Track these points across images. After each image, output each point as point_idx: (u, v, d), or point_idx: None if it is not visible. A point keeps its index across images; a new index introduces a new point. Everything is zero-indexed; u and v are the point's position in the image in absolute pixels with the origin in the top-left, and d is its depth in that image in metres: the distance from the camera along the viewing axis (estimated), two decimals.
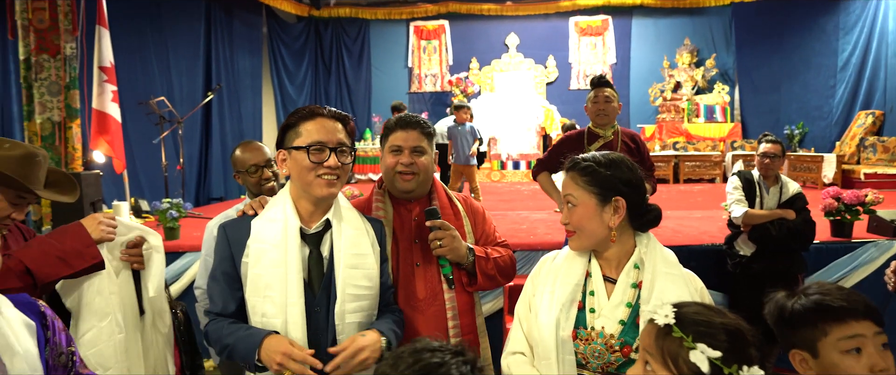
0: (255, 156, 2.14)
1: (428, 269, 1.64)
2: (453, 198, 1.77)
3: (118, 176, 4.90)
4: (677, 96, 9.89)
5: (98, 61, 4.62)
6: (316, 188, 1.37)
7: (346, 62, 10.69)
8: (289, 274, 1.35)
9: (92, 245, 1.59)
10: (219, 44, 7.69)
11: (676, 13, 9.92)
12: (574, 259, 1.34)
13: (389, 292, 1.54)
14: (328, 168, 1.36)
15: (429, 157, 1.66)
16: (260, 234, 1.39)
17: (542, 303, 1.32)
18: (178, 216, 3.92)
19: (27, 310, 1.16)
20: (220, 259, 1.42)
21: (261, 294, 1.36)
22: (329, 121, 1.40)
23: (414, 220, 1.68)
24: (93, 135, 4.60)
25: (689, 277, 1.31)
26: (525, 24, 10.41)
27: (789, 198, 3.21)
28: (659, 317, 1.00)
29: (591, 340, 1.25)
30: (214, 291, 1.42)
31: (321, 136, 1.36)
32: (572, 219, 1.31)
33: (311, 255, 1.40)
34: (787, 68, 9.08)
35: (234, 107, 8.13)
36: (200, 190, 7.35)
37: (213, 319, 1.41)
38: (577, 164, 1.33)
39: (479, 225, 1.77)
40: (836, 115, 8.46)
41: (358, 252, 1.43)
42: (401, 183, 1.64)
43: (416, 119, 1.68)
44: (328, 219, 1.42)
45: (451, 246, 1.56)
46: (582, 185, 1.30)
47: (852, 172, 7.32)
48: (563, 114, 9.99)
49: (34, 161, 1.54)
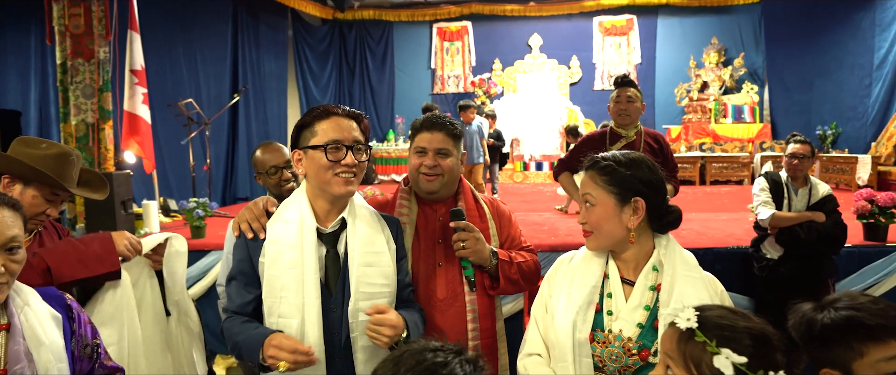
0: (275, 157, 2.17)
1: (450, 270, 1.63)
2: (480, 200, 1.76)
3: (148, 176, 5.05)
4: (704, 96, 9.69)
5: (129, 64, 4.77)
6: (334, 186, 1.37)
7: (370, 64, 10.79)
8: (306, 274, 1.35)
9: (114, 253, 1.62)
10: (245, 47, 7.85)
11: (703, 12, 9.73)
12: (591, 260, 1.33)
13: (407, 290, 1.54)
14: (345, 166, 1.37)
15: (454, 159, 1.65)
16: (276, 235, 1.39)
17: (558, 305, 1.30)
18: (205, 215, 4.01)
19: (54, 303, 1.21)
20: (239, 259, 1.43)
21: (277, 294, 1.37)
22: (344, 119, 1.40)
23: (438, 220, 1.68)
24: (124, 136, 4.75)
25: (709, 280, 1.28)
26: (548, 25, 10.35)
27: (819, 200, 3.11)
28: (681, 321, 0.98)
29: (608, 343, 1.23)
30: (232, 290, 1.44)
31: (337, 135, 1.37)
32: (590, 219, 1.29)
33: (328, 254, 1.41)
34: (820, 67, 8.80)
35: (259, 109, 8.28)
36: (227, 190, 7.51)
37: (229, 317, 1.43)
38: (596, 163, 1.31)
39: (504, 229, 1.76)
40: (871, 115, 8.16)
41: (373, 249, 1.43)
42: (424, 183, 1.64)
43: (443, 120, 1.66)
44: (344, 218, 1.43)
45: (474, 248, 1.55)
46: (601, 185, 1.28)
47: (889, 174, 7.06)
48: (586, 115, 9.90)
49: (68, 160, 1.62)
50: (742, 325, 0.97)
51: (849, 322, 1.03)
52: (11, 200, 1.14)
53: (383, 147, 9.88)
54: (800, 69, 9.05)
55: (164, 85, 6.26)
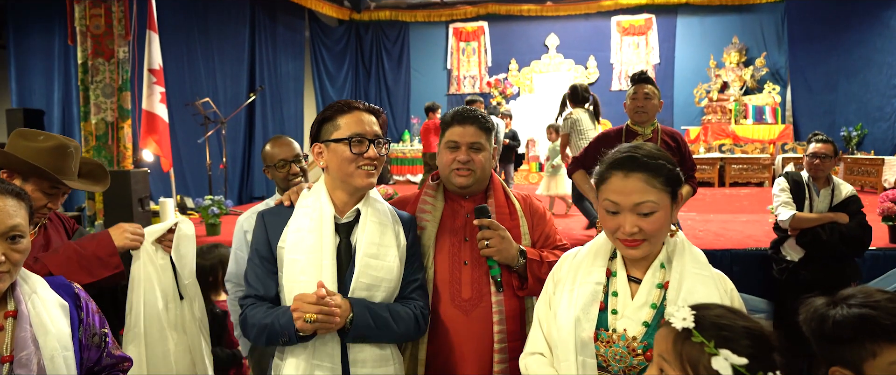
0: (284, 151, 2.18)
1: (476, 269, 1.58)
2: (511, 197, 1.71)
3: (165, 174, 5.12)
4: (724, 97, 9.52)
5: (148, 64, 4.85)
6: (356, 179, 1.40)
7: (386, 64, 10.83)
8: (324, 259, 1.39)
9: (114, 253, 1.62)
10: (263, 47, 7.93)
11: (724, 11, 9.57)
12: (596, 257, 1.27)
13: (411, 286, 1.52)
14: (368, 159, 1.40)
15: (487, 154, 1.62)
16: (297, 222, 1.44)
17: (561, 302, 1.26)
18: (220, 213, 4.06)
19: (62, 292, 1.21)
20: (258, 243, 1.46)
21: (296, 278, 1.39)
22: (365, 113, 1.43)
23: (466, 217, 1.64)
24: (142, 134, 4.83)
25: (719, 278, 1.21)
26: (565, 25, 10.27)
27: (842, 201, 3.02)
28: (676, 320, 0.94)
29: (612, 343, 1.18)
30: (251, 275, 1.46)
31: (359, 128, 1.40)
32: (651, 227, 1.14)
33: (342, 244, 1.44)
34: (846, 66, 8.58)
35: (276, 109, 8.36)
36: (243, 188, 7.59)
37: (253, 303, 1.43)
38: (645, 164, 1.15)
39: (537, 227, 1.69)
40: None
41: (380, 242, 1.43)
42: (456, 178, 1.61)
43: (474, 113, 1.63)
44: (359, 210, 1.46)
45: (498, 248, 1.51)
46: (661, 187, 1.15)
47: None
48: (603, 116, 9.76)
49: (65, 152, 1.60)
50: (740, 325, 0.93)
51: (862, 320, 0.98)
52: (16, 189, 1.14)
53: (398, 147, 9.90)
54: (824, 69, 8.84)
55: (181, 84, 6.36)
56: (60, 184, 1.58)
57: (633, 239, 1.15)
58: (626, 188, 1.15)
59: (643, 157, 1.16)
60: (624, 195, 1.15)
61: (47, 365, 1.10)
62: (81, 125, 4.94)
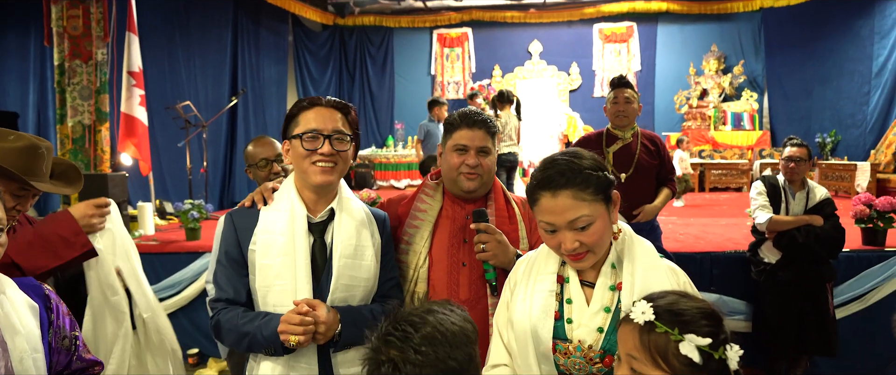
0: (266, 150, 2.17)
1: (474, 271, 1.58)
2: (510, 201, 1.71)
3: (144, 178, 5.04)
4: (703, 103, 9.69)
5: (127, 66, 4.78)
6: (311, 175, 1.38)
7: (370, 70, 10.81)
8: (297, 261, 1.36)
9: (80, 232, 1.54)
10: (245, 51, 7.87)
11: (703, 19, 9.75)
12: (547, 261, 1.23)
13: (388, 284, 1.53)
14: (322, 155, 1.37)
15: (493, 157, 1.63)
16: (268, 224, 1.40)
17: (516, 310, 1.22)
18: (200, 217, 3.99)
19: (31, 293, 1.18)
20: (227, 245, 1.42)
21: (269, 282, 1.37)
22: (327, 109, 1.41)
23: (466, 218, 1.63)
24: (121, 137, 4.75)
25: (671, 270, 1.19)
26: (548, 32, 10.37)
27: (817, 204, 3.09)
28: (636, 315, 0.95)
29: (569, 353, 1.15)
30: (222, 278, 1.41)
31: (317, 124, 1.38)
32: (590, 239, 1.12)
33: (316, 244, 1.42)
34: (820, 74, 8.80)
35: (259, 114, 8.29)
36: (224, 193, 7.49)
37: (224, 307, 1.40)
38: (570, 179, 1.10)
39: (535, 231, 1.67)
40: (870, 123, 8.14)
41: (357, 243, 1.43)
42: (465, 182, 1.59)
43: (482, 117, 1.62)
44: (332, 209, 1.44)
45: (494, 252, 1.50)
46: (591, 198, 1.11)
47: (888, 181, 7.04)
48: (586, 122, 9.89)
49: (36, 153, 1.54)
50: (694, 307, 0.96)
51: None
52: None
53: (382, 152, 9.87)
54: (800, 77, 9.06)
55: (162, 87, 6.27)
56: (29, 186, 1.52)
57: (577, 253, 1.13)
58: (557, 207, 1.11)
59: (569, 171, 1.11)
60: (556, 214, 1.11)
61: (16, 367, 1.07)
62: (57, 128, 4.84)
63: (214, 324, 1.41)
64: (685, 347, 0.91)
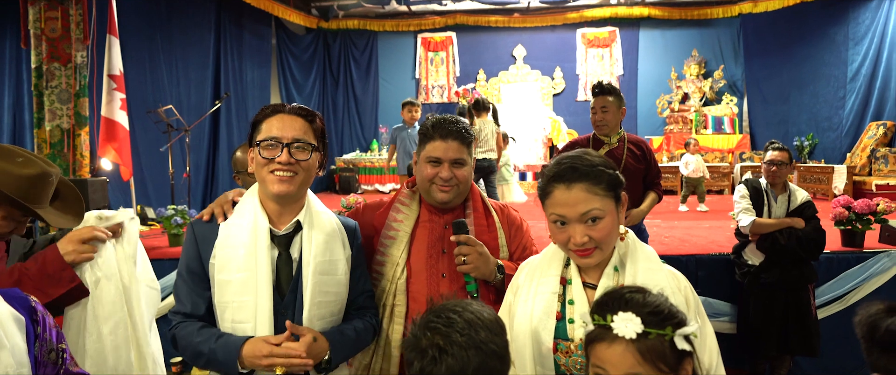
0: None
1: (454, 282, 1.55)
2: (489, 208, 1.67)
3: (125, 183, 4.94)
4: (685, 107, 9.84)
5: (108, 69, 4.69)
6: (268, 184, 1.33)
7: (354, 73, 10.77)
8: (259, 277, 1.31)
9: (66, 268, 1.44)
10: (228, 54, 7.77)
11: (684, 25, 9.91)
12: (550, 264, 1.24)
13: (362, 296, 1.49)
14: (279, 164, 1.32)
15: (469, 168, 1.58)
16: (228, 238, 1.34)
17: (517, 313, 1.23)
18: (183, 223, 3.93)
19: (17, 305, 1.15)
20: (188, 257, 1.37)
21: (229, 298, 1.32)
22: (289, 116, 1.36)
23: (444, 228, 1.59)
24: (101, 142, 4.65)
25: (672, 274, 1.21)
26: (532, 36, 10.44)
27: (798, 207, 3.15)
28: (623, 331, 0.92)
29: (570, 352, 1.16)
30: (181, 291, 1.36)
31: (276, 132, 1.33)
32: (599, 234, 1.13)
33: (281, 257, 1.36)
34: (797, 79, 9.01)
35: (241, 117, 8.19)
36: (207, 198, 7.39)
37: (182, 321, 1.35)
38: (585, 173, 1.13)
39: (514, 238, 1.66)
40: (846, 126, 8.36)
41: (329, 258, 1.38)
42: (438, 194, 1.56)
43: (457, 127, 1.55)
44: (298, 221, 1.38)
45: (476, 264, 1.46)
46: (603, 193, 1.14)
47: (863, 184, 7.22)
48: (570, 126, 9.98)
49: (47, 181, 1.48)
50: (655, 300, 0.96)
51: None
52: None
53: (367, 157, 9.83)
54: (778, 81, 9.25)
55: (143, 91, 6.16)
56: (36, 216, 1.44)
57: (585, 248, 1.14)
58: (570, 199, 1.13)
59: (582, 166, 1.14)
60: (569, 206, 1.13)
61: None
62: (34, 132, 4.72)
63: (171, 338, 1.37)
64: (680, 341, 0.91)
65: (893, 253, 3.47)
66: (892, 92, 7.77)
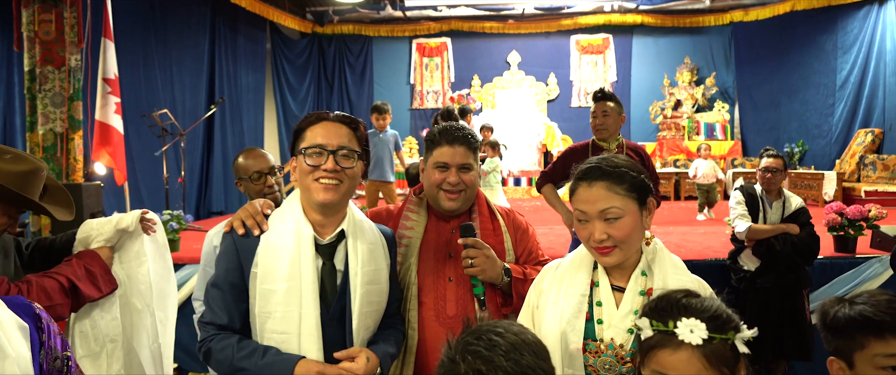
0: (259, 162, 2.11)
1: (461, 286, 1.56)
2: (495, 212, 1.69)
3: (119, 188, 4.90)
4: (678, 114, 9.92)
5: (102, 73, 4.65)
6: (314, 193, 1.31)
7: (349, 78, 10.77)
8: (303, 287, 1.29)
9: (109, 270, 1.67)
10: (223, 58, 7.75)
11: (676, 32, 10.01)
12: (578, 268, 1.28)
13: (394, 305, 1.50)
14: (325, 171, 1.30)
15: (475, 173, 1.60)
16: (271, 247, 1.32)
17: (545, 315, 1.26)
18: (179, 228, 3.90)
19: (21, 312, 1.13)
20: (227, 268, 1.34)
21: (270, 309, 1.29)
22: (333, 124, 1.35)
23: (451, 233, 1.61)
24: (95, 146, 4.61)
25: (699, 283, 1.25)
26: (527, 42, 10.50)
27: (793, 213, 3.19)
28: (688, 337, 0.92)
29: (600, 353, 1.19)
30: (216, 301, 1.33)
31: (322, 139, 1.32)
32: (618, 233, 1.17)
33: (325, 267, 1.35)
34: (787, 86, 9.13)
35: (236, 122, 8.16)
36: (201, 203, 7.34)
37: (217, 333, 1.32)
38: (607, 172, 1.19)
39: (520, 243, 1.68)
40: (835, 133, 8.47)
41: (374, 267, 1.38)
42: (445, 202, 1.57)
43: (463, 133, 1.58)
44: (342, 230, 1.37)
45: (483, 267, 1.47)
46: (624, 193, 1.18)
47: (853, 190, 7.31)
48: (564, 132, 10.03)
49: (39, 176, 1.51)
50: (711, 304, 0.97)
51: (859, 317, 1.07)
52: None
53: None
54: (768, 88, 9.36)
55: (137, 95, 6.12)
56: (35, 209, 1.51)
57: (604, 246, 1.18)
58: (591, 196, 1.19)
59: (606, 166, 1.20)
60: (589, 203, 1.19)
61: None
62: (27, 136, 4.66)
63: (205, 351, 1.32)
64: (740, 345, 0.93)
65: (885, 259, 3.51)
66: (879, 99, 7.90)
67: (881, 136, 7.81)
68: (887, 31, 7.69)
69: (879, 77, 7.86)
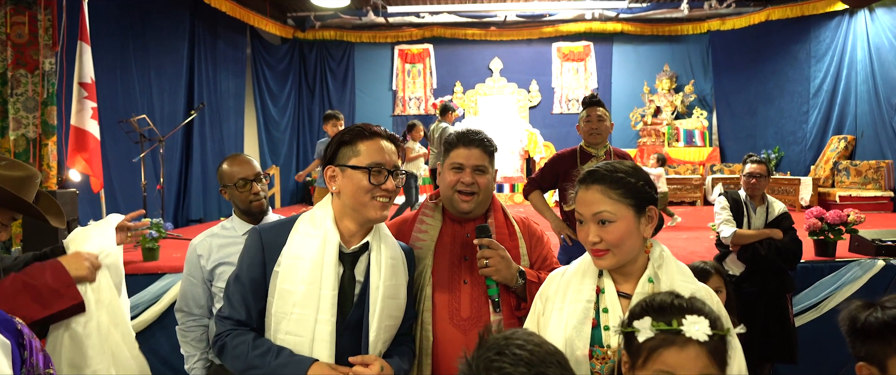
0: (245, 169, 2.07)
1: (475, 288, 1.58)
2: (510, 218, 1.72)
3: (95, 195, 4.75)
4: (657, 121, 10.07)
5: (78, 77, 4.51)
6: (370, 210, 1.35)
7: (331, 84, 10.69)
8: (322, 291, 1.30)
9: (72, 284, 1.49)
10: (202, 64, 7.62)
11: (656, 40, 10.18)
12: (584, 274, 1.28)
13: (409, 321, 1.51)
14: (385, 190, 1.35)
15: (490, 176, 1.64)
16: (296, 248, 1.34)
17: (551, 322, 1.25)
18: (159, 236, 3.80)
19: (2, 328, 1.08)
20: (251, 263, 1.35)
21: (288, 309, 1.30)
22: (385, 141, 1.39)
23: (466, 236, 1.63)
24: (70, 152, 4.46)
25: (707, 290, 1.25)
26: (509, 49, 10.57)
27: (776, 218, 3.24)
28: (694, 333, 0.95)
29: (607, 359, 1.19)
30: (236, 296, 1.35)
31: (380, 158, 1.36)
32: (610, 237, 1.19)
33: (345, 275, 1.36)
34: (763, 94, 9.34)
35: (215, 128, 8.02)
36: (179, 211, 7.18)
37: (234, 329, 1.33)
38: (603, 177, 1.22)
39: (535, 248, 1.70)
40: (810, 140, 8.69)
41: (395, 282, 1.40)
42: (460, 204, 1.60)
43: (479, 136, 1.63)
44: (367, 241, 1.39)
45: (498, 267, 1.50)
46: (617, 198, 1.20)
47: (828, 195, 7.49)
48: (546, 138, 10.10)
49: (34, 183, 1.47)
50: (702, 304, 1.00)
51: (892, 319, 1.06)
52: None
53: None
54: (745, 96, 9.57)
55: (114, 100, 5.97)
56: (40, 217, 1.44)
57: (596, 248, 1.21)
58: (586, 199, 1.23)
59: (604, 171, 1.23)
60: (584, 206, 1.23)
61: None
62: None
63: (220, 346, 1.34)
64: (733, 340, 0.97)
65: (864, 263, 3.59)
66: (852, 107, 8.13)
67: (854, 143, 8.03)
68: (858, 41, 7.93)
69: (851, 85, 8.10)
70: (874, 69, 7.55)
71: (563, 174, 3.00)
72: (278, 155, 9.84)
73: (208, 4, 7.22)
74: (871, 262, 3.58)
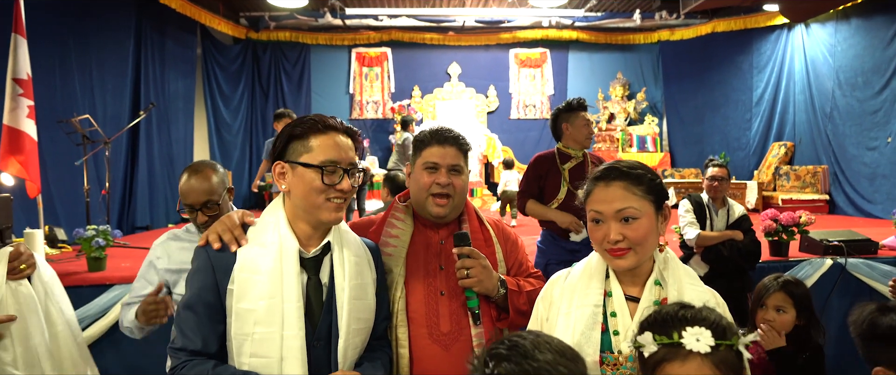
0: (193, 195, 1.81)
1: (454, 300, 1.47)
2: (484, 222, 1.61)
3: (31, 201, 4.38)
4: (611, 127, 10.36)
5: (13, 73, 4.16)
6: (323, 212, 1.22)
7: (285, 86, 10.40)
8: (285, 305, 1.17)
9: None
10: (149, 63, 7.22)
11: (609, 49, 10.48)
12: (591, 277, 1.23)
13: (383, 324, 1.39)
14: (339, 191, 1.22)
15: (465, 177, 1.52)
16: (249, 263, 1.19)
17: (557, 327, 1.20)
18: (106, 245, 3.54)
19: None
20: (202, 287, 1.20)
21: (249, 330, 1.17)
22: (342, 136, 1.25)
23: (440, 244, 1.51)
24: (3, 154, 4.10)
25: (712, 292, 1.24)
26: (467, 55, 10.61)
27: (736, 220, 3.36)
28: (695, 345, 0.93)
29: (619, 365, 1.15)
30: (188, 324, 1.19)
31: (335, 155, 1.22)
32: (634, 235, 1.15)
33: (310, 282, 1.24)
34: (710, 102, 9.77)
35: (163, 130, 7.62)
36: (124, 217, 6.75)
37: (189, 359, 1.18)
38: (625, 173, 1.18)
39: (511, 254, 1.61)
40: (753, 146, 9.15)
41: (360, 281, 1.28)
42: (434, 208, 1.48)
43: (454, 133, 1.53)
44: (328, 242, 1.27)
45: (480, 277, 1.40)
46: (641, 195, 1.17)
47: (771, 198, 7.90)
48: (504, 143, 10.19)
49: None
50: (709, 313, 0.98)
51: None
52: None
53: None
54: (693, 104, 9.99)
55: (52, 99, 5.55)
56: None
57: (618, 247, 1.15)
58: (608, 196, 1.17)
59: (624, 168, 1.20)
60: (606, 203, 1.17)
61: None
62: None
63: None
64: (744, 350, 0.93)
65: (814, 262, 3.78)
66: (791, 115, 8.63)
67: (793, 149, 8.52)
68: (795, 54, 8.44)
69: (790, 95, 8.60)
70: (810, 80, 8.05)
71: (545, 174, 3.00)
72: (230, 158, 9.47)
73: (156, 1, 6.86)
74: (821, 261, 3.77)
